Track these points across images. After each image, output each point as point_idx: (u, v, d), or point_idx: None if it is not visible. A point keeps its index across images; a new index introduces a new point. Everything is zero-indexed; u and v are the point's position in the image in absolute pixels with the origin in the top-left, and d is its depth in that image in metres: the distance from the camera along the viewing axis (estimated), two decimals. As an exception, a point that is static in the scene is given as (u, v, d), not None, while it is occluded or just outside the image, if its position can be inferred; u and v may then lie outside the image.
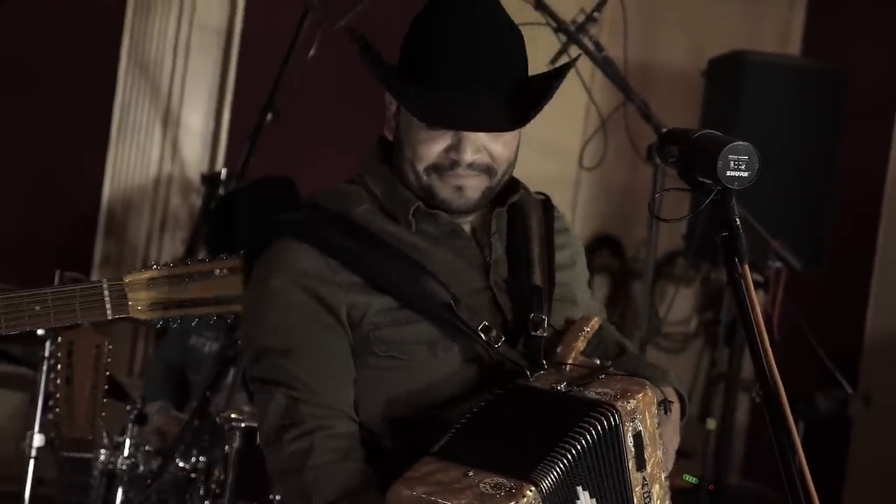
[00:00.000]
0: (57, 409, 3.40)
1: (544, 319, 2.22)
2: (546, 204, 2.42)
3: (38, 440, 3.48)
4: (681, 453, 2.31)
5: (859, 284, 5.74)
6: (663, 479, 2.12)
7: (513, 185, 2.35)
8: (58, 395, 3.41)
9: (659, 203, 3.27)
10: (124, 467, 3.70)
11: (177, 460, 3.73)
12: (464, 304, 2.17)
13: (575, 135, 5.80)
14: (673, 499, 2.18)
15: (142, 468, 3.73)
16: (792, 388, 3.08)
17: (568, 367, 2.15)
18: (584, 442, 1.97)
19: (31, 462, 3.51)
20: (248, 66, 5.42)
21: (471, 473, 1.92)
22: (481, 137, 2.21)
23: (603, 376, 2.10)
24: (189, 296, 2.21)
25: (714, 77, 5.42)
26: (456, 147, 2.20)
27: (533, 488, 1.89)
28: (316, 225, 2.23)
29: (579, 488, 1.98)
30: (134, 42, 5.32)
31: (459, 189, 2.23)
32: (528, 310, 2.23)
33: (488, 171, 2.23)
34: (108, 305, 2.17)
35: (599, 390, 2.06)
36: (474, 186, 2.23)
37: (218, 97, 5.44)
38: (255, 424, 3.64)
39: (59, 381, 3.42)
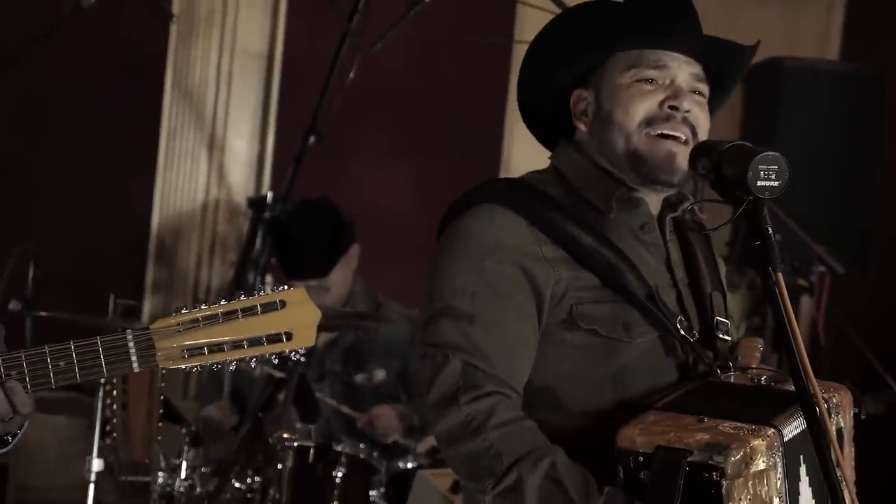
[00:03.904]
0: (114, 434, 3.44)
1: (728, 325, 2.25)
2: (701, 226, 2.42)
3: (96, 465, 3.53)
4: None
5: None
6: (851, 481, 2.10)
7: (681, 194, 2.37)
8: (114, 420, 3.45)
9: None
10: (182, 489, 3.77)
11: (232, 481, 3.78)
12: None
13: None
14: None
15: (199, 489, 3.79)
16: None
17: (754, 370, 2.16)
18: (803, 420, 1.95)
19: (91, 487, 3.56)
20: (289, 90, 5.46)
21: (705, 420, 1.94)
22: (688, 99, 2.24)
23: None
24: (226, 337, 2.04)
25: (753, 84, 5.42)
26: (673, 96, 2.23)
27: (773, 430, 1.91)
28: (520, 195, 2.23)
29: (801, 457, 1.98)
30: (177, 70, 5.37)
31: (671, 157, 2.23)
32: (711, 313, 2.26)
33: (694, 134, 2.24)
34: (133, 357, 2.02)
35: None
36: (683, 154, 2.22)
37: (262, 121, 5.47)
38: (308, 443, 3.70)
39: (115, 406, 3.46)
